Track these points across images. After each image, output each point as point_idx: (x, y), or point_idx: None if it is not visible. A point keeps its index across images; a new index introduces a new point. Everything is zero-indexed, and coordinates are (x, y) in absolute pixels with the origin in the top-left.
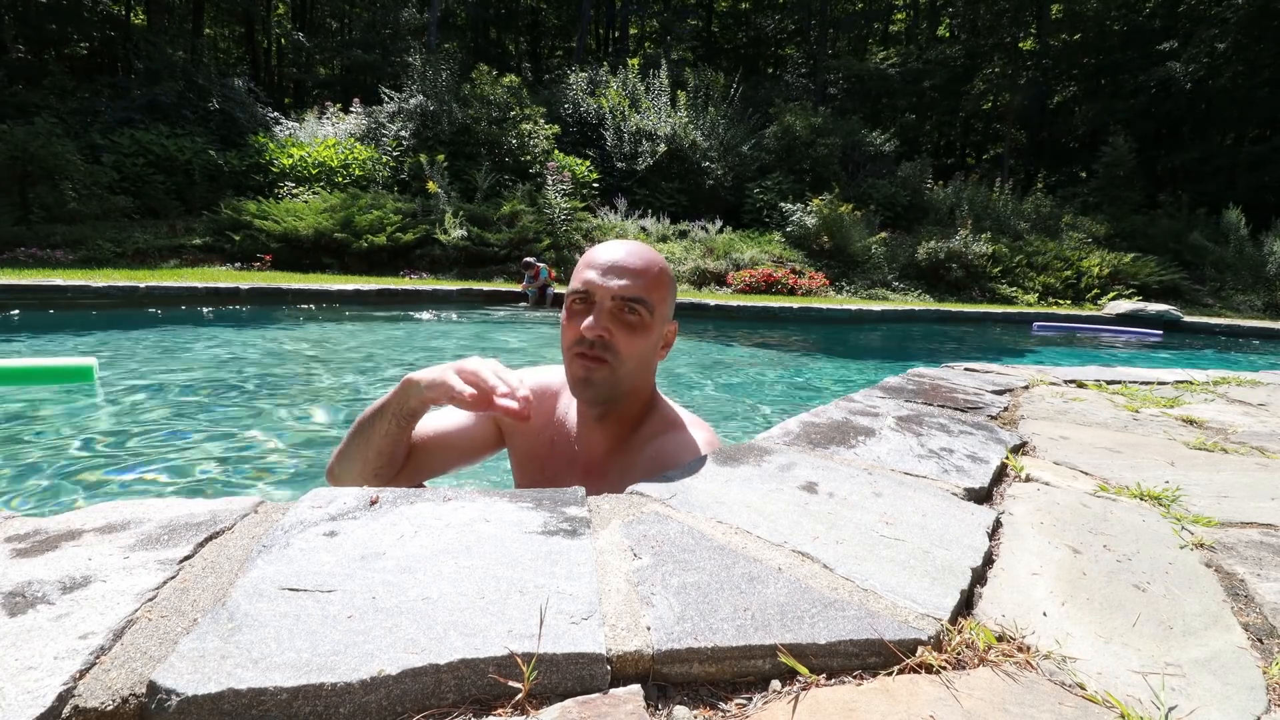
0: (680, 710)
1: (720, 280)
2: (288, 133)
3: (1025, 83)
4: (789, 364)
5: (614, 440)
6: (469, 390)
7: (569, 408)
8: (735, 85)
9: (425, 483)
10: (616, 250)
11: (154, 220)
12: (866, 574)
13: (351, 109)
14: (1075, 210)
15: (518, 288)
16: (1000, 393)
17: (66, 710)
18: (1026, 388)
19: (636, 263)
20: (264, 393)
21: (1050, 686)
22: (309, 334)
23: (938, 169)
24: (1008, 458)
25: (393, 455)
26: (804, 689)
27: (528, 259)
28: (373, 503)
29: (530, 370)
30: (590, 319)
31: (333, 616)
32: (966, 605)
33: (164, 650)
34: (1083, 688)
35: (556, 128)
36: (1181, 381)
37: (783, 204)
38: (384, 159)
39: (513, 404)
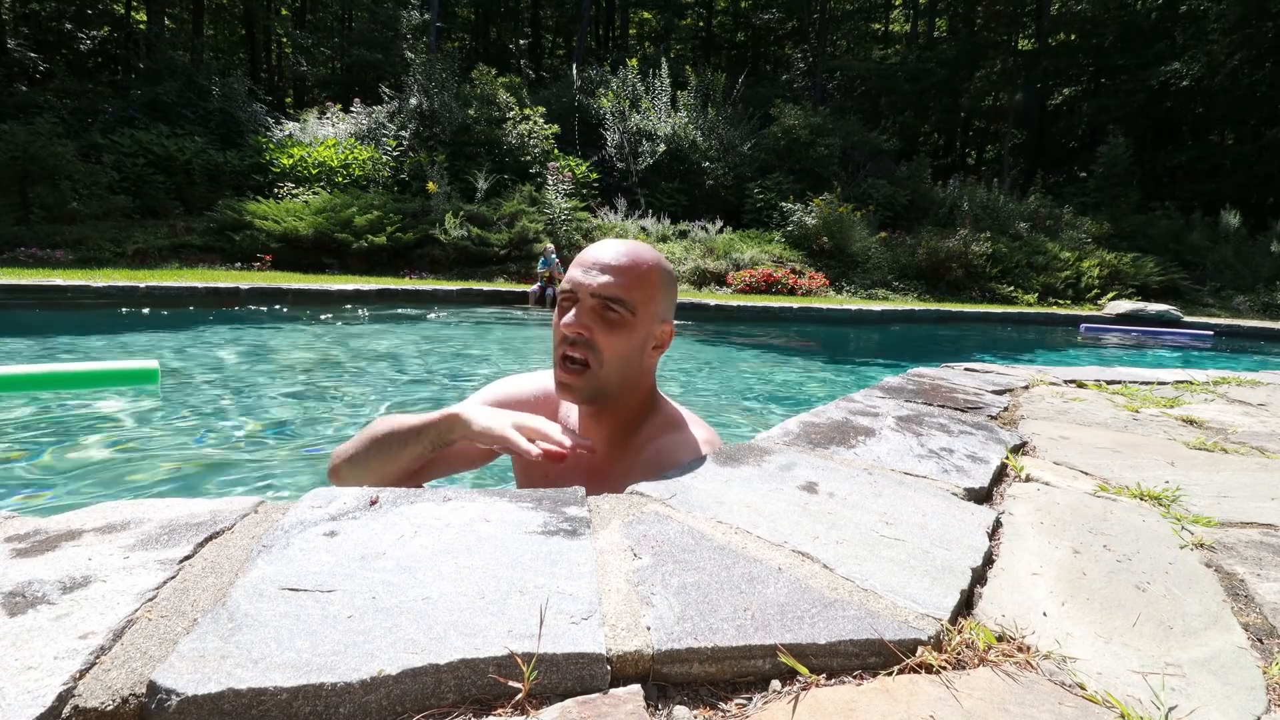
0: (680, 710)
1: (720, 280)
2: (288, 133)
3: (1024, 82)
4: (789, 364)
5: (614, 441)
6: (535, 450)
7: (571, 410)
8: (736, 86)
9: (423, 483)
10: (605, 249)
11: (154, 220)
12: (866, 574)
13: (351, 109)
14: (1075, 210)
15: (518, 287)
16: (1000, 393)
17: (66, 710)
18: (1026, 388)
19: (621, 260)
20: (262, 392)
21: (1050, 686)
22: (308, 333)
23: (937, 169)
24: (1008, 458)
25: (412, 473)
26: (804, 689)
27: (549, 245)
28: (373, 503)
29: (529, 375)
30: (571, 315)
31: (333, 616)
32: (966, 605)
33: (164, 650)
34: (1083, 688)
35: (556, 128)
36: (1181, 381)
37: (783, 204)
38: (384, 159)
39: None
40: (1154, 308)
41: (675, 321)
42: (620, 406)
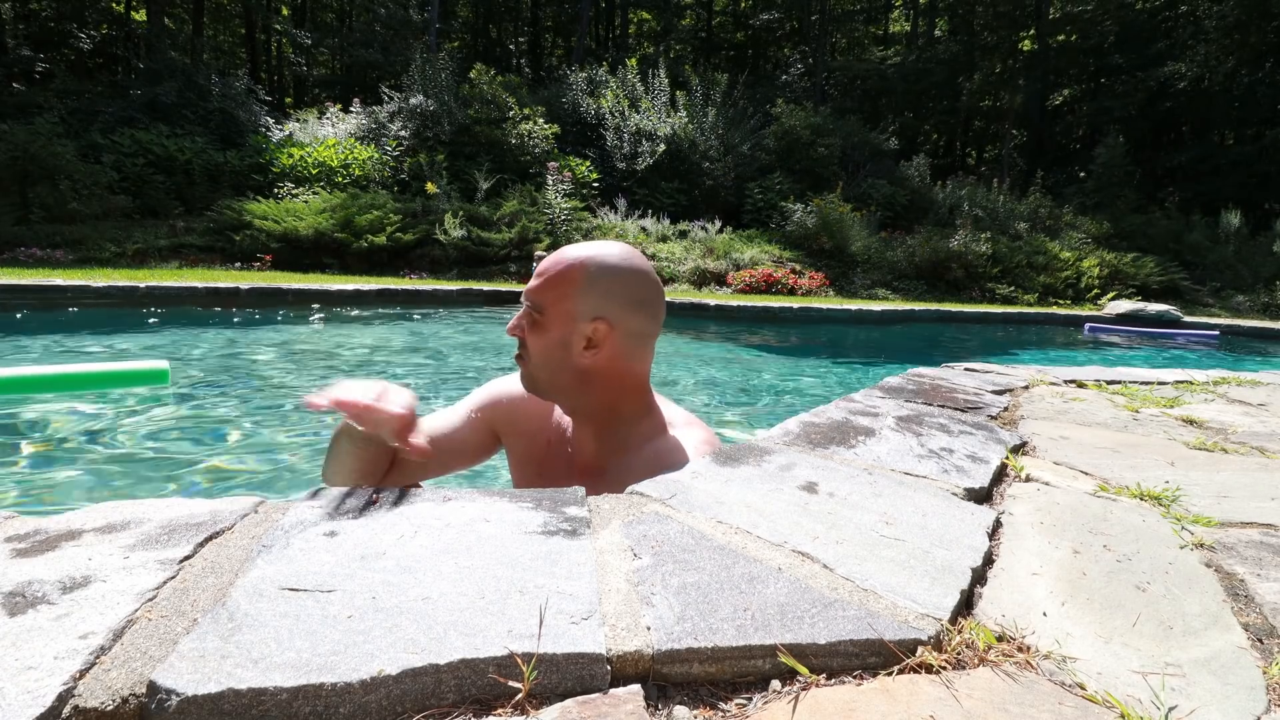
0: (680, 710)
1: (720, 280)
2: (288, 133)
3: (1024, 82)
4: (789, 364)
5: (605, 441)
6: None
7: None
8: (736, 86)
9: (422, 483)
10: (548, 256)
11: (154, 220)
12: (866, 574)
13: (351, 109)
14: (1075, 210)
15: (519, 287)
16: (1000, 393)
17: (66, 710)
18: (1026, 388)
19: (543, 266)
20: (262, 391)
21: (1050, 686)
22: (308, 333)
23: (938, 169)
24: (1008, 458)
25: (368, 470)
26: (804, 689)
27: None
28: (373, 503)
29: None
30: (513, 318)
31: (333, 616)
32: (966, 605)
33: (164, 650)
34: (1083, 688)
35: (556, 127)
36: (1181, 381)
37: (783, 204)
38: (384, 159)
39: (413, 443)
40: (1154, 308)
41: (676, 321)
42: (592, 404)
